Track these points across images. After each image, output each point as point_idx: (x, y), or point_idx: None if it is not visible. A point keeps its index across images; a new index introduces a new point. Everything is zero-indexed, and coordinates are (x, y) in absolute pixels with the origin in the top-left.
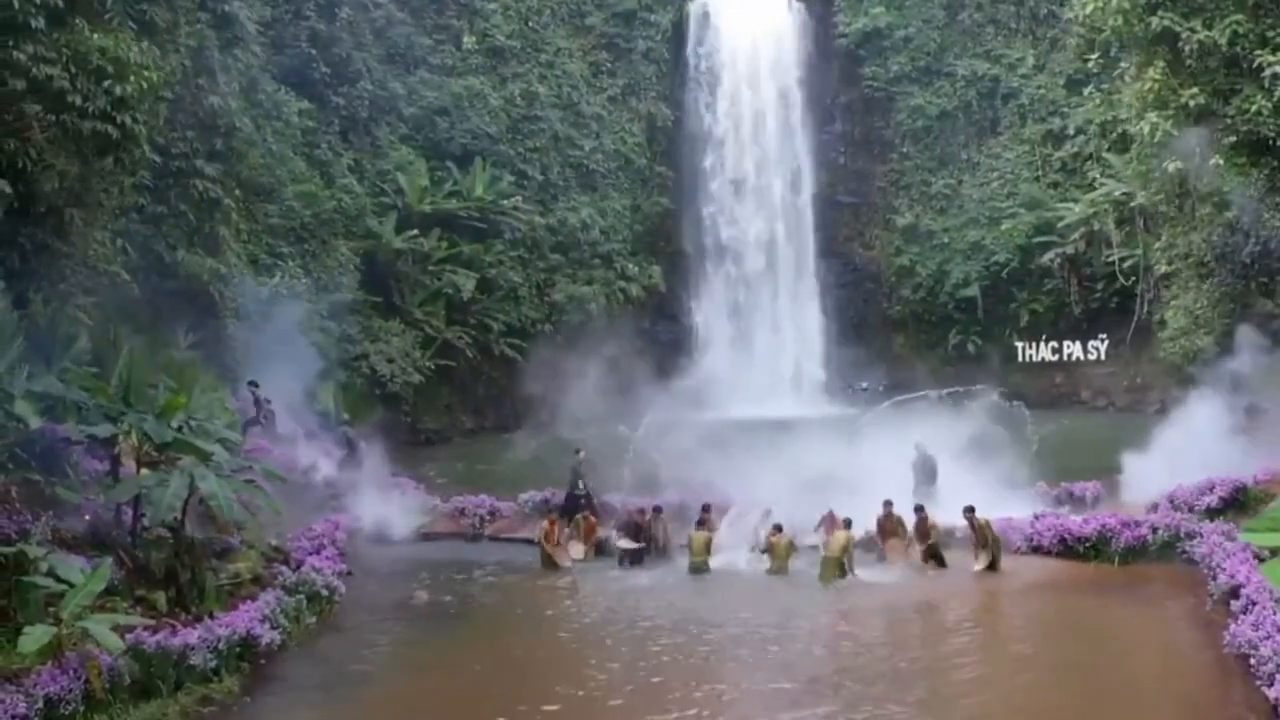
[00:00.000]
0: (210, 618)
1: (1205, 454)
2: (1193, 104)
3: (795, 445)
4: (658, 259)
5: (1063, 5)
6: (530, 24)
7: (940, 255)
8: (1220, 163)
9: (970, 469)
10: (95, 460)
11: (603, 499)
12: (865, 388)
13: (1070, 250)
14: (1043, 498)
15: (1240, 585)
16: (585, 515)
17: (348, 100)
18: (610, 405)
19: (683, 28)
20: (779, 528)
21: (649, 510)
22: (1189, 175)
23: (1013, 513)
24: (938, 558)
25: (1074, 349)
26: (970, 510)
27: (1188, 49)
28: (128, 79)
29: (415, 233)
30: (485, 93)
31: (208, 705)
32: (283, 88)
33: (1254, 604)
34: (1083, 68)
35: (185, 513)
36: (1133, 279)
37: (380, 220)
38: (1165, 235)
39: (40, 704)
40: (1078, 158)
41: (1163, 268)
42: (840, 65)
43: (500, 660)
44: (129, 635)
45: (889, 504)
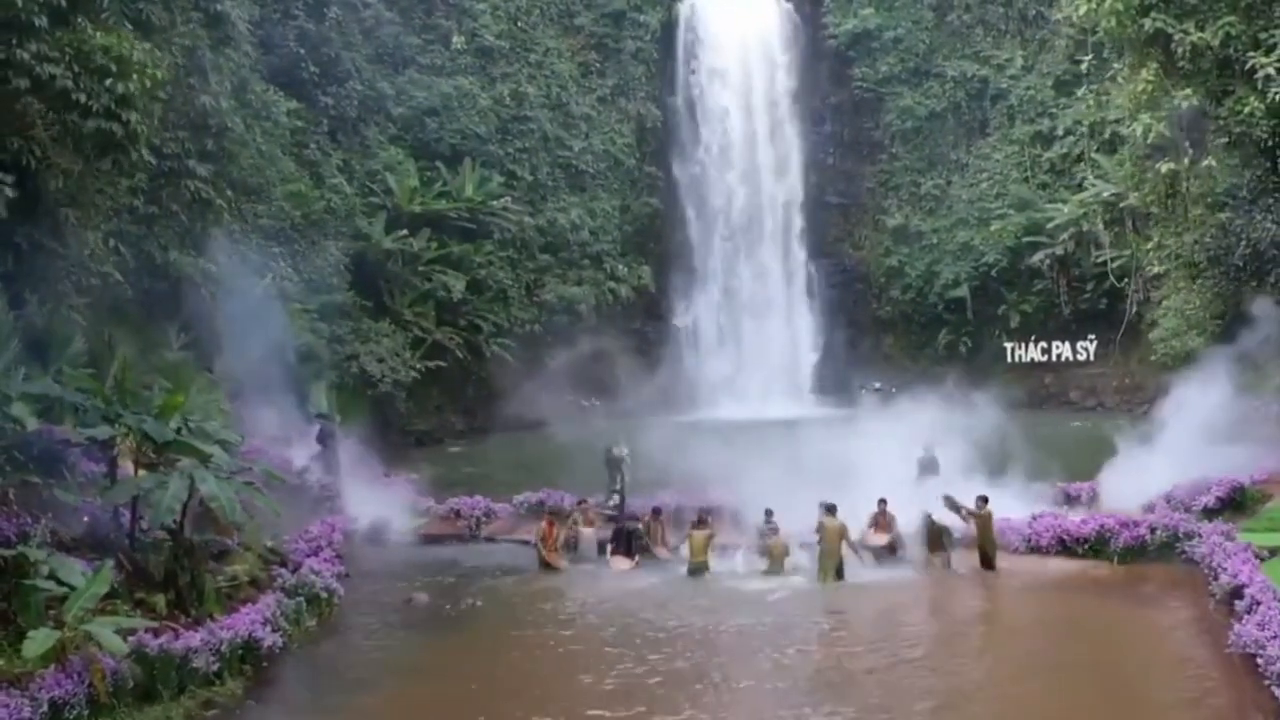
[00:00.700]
0: (210, 620)
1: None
2: (1185, 105)
3: (789, 445)
4: (647, 259)
5: (1051, 6)
6: (519, 24)
7: (930, 256)
8: (1213, 164)
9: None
10: (92, 462)
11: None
12: (878, 388)
13: (1059, 251)
14: (1040, 497)
15: (1243, 585)
16: (584, 517)
17: (336, 100)
18: (601, 406)
19: (672, 28)
20: (776, 529)
21: (647, 512)
22: (1181, 176)
23: (1010, 512)
24: (942, 559)
25: (1063, 349)
26: (984, 500)
27: (1181, 50)
28: (130, 77)
29: (405, 233)
30: (474, 93)
31: (211, 709)
32: (271, 87)
33: (1258, 604)
34: (1071, 69)
35: (184, 515)
36: (1123, 280)
37: (370, 221)
38: (1156, 236)
39: (45, 708)
40: (1067, 159)
41: (1155, 269)
42: (829, 66)
43: (501, 666)
44: (131, 638)
45: (883, 502)
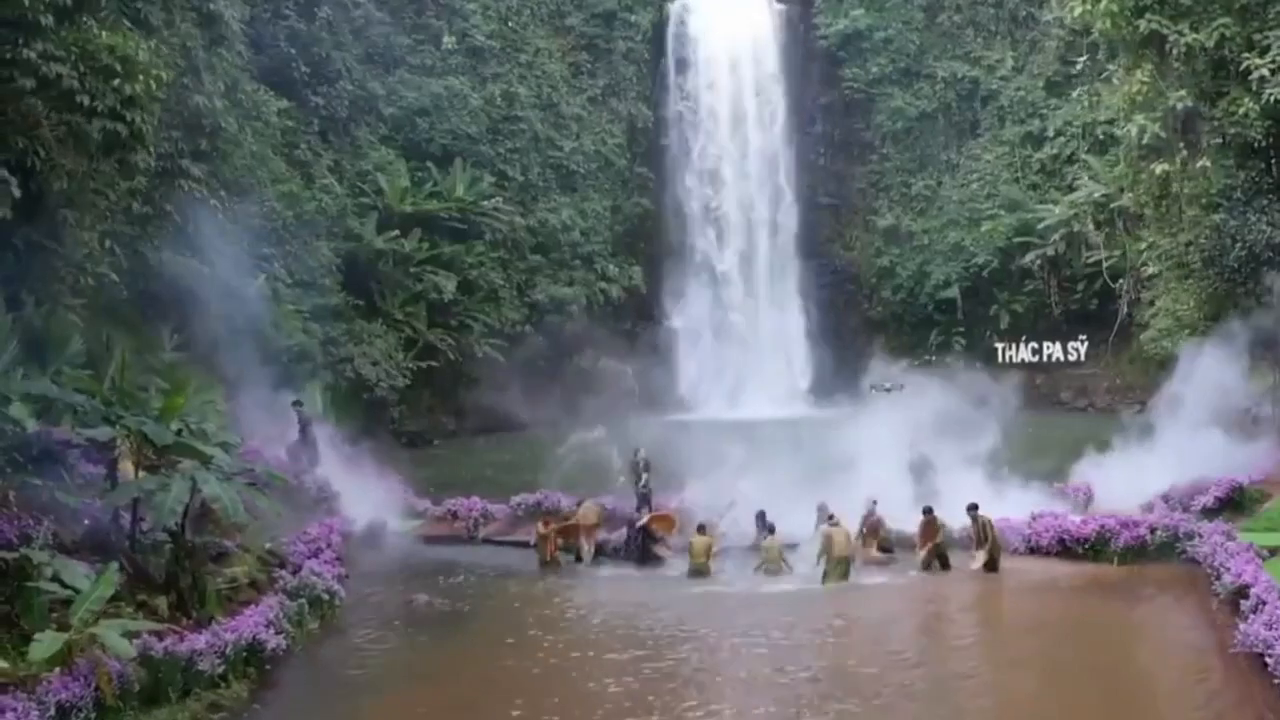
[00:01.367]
0: (211, 623)
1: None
2: (1180, 106)
3: (782, 446)
4: (638, 260)
5: (1041, 8)
6: (510, 24)
7: (920, 256)
8: (1207, 165)
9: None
10: (90, 463)
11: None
12: (889, 388)
13: (1050, 252)
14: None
15: (1248, 585)
16: (582, 517)
17: (327, 100)
18: (592, 407)
19: (663, 29)
20: (773, 529)
21: (649, 514)
22: (1175, 177)
23: (1008, 513)
24: (942, 559)
25: (1054, 350)
26: (974, 508)
27: (1175, 52)
28: (136, 77)
29: (396, 233)
30: (465, 93)
31: (217, 712)
32: (262, 87)
33: (1264, 603)
34: (1062, 70)
35: (186, 517)
36: (1118, 281)
37: (361, 221)
38: (1150, 237)
39: (52, 711)
40: (1057, 159)
41: (1150, 269)
42: (820, 67)
43: (505, 670)
44: (136, 641)
45: (873, 504)
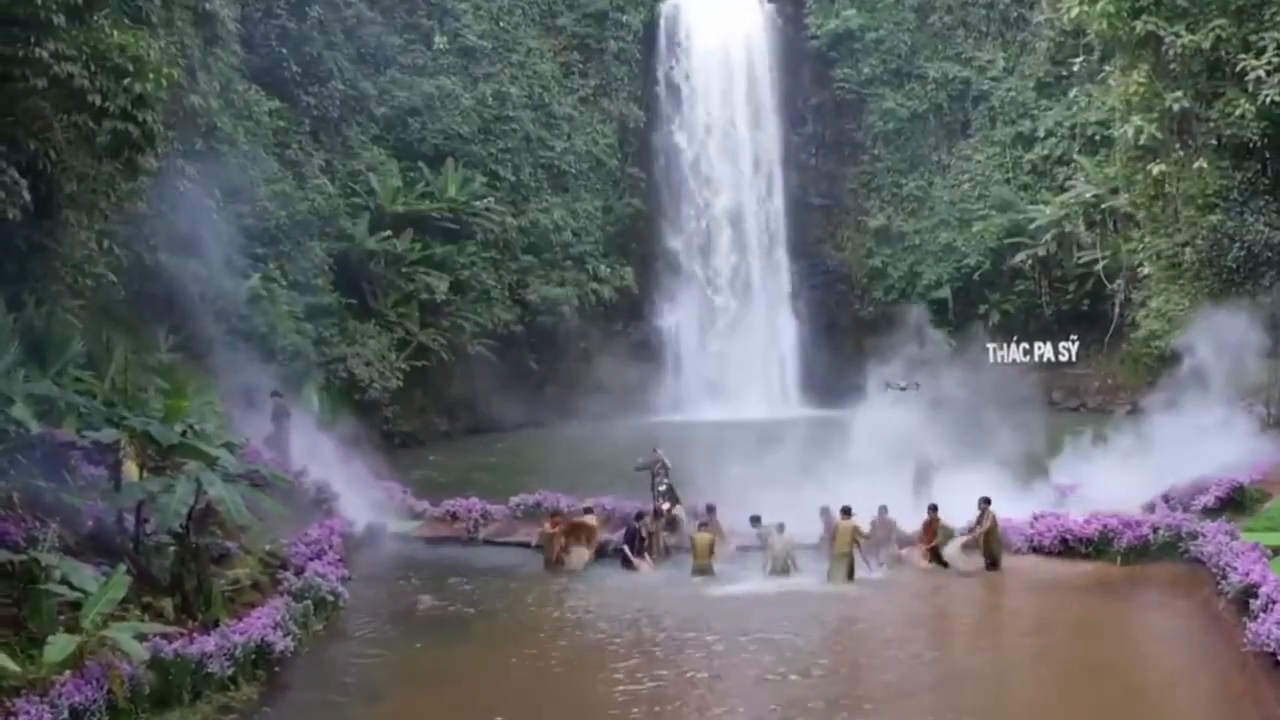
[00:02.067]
0: (216, 625)
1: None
2: (1176, 107)
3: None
4: (630, 260)
5: (1032, 9)
6: (501, 24)
7: (911, 257)
8: (1204, 166)
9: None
10: (91, 465)
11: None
12: (904, 387)
13: (1041, 252)
14: (1038, 496)
15: (1257, 584)
16: (585, 520)
17: (318, 100)
18: (584, 407)
19: (654, 29)
20: (781, 528)
21: (648, 514)
22: (1171, 178)
23: (1010, 512)
24: (941, 559)
25: (1045, 350)
26: (986, 502)
27: (1171, 53)
28: (147, 77)
29: (388, 234)
30: (457, 93)
31: (228, 714)
32: (253, 86)
33: (1275, 602)
34: (1053, 70)
35: (191, 518)
36: (1115, 281)
37: (353, 221)
38: (1147, 239)
39: (65, 714)
40: (1048, 160)
41: (1146, 270)
42: (811, 67)
43: (512, 673)
44: (146, 643)
45: (883, 509)
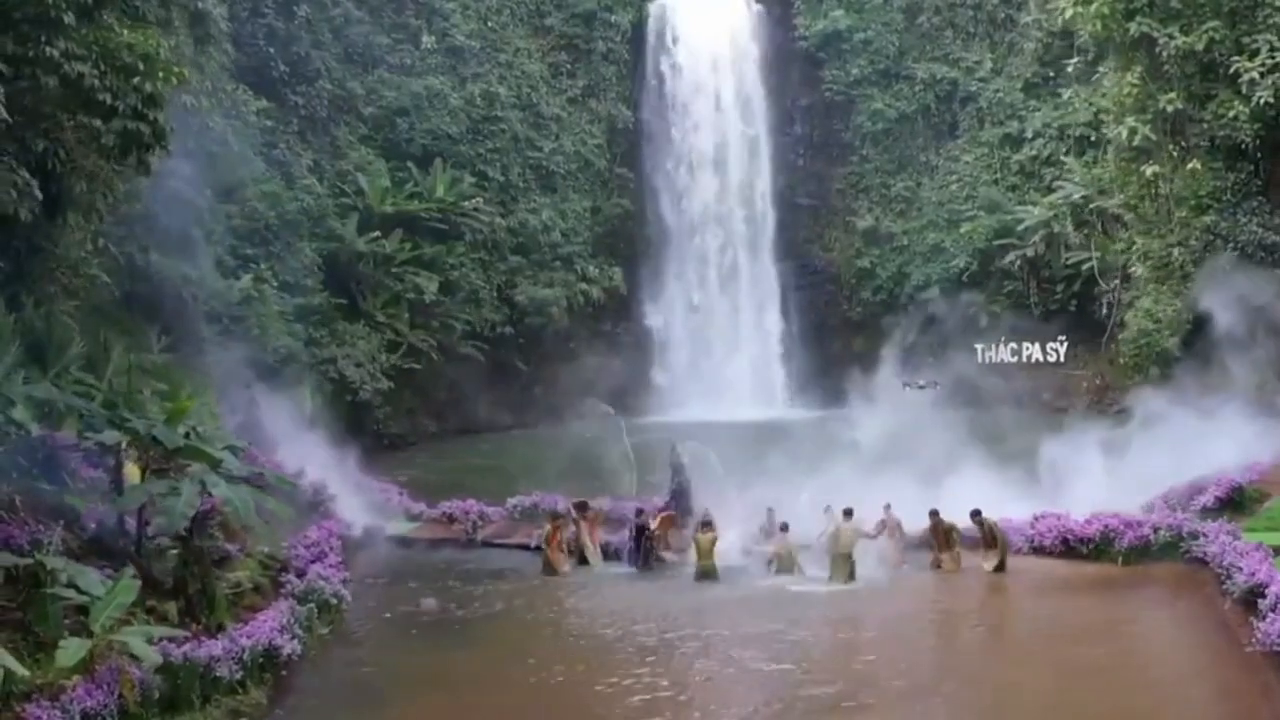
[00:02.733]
0: (220, 629)
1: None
2: (1170, 109)
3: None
4: (618, 261)
5: (1019, 10)
6: (489, 24)
7: (900, 258)
8: (1197, 167)
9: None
10: (90, 467)
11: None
12: (922, 385)
13: (1029, 253)
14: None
15: (1264, 584)
16: (586, 520)
17: (306, 99)
18: (572, 408)
19: (642, 29)
20: (785, 528)
21: (649, 514)
22: (1164, 179)
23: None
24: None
25: (1033, 350)
26: (977, 513)
27: (1165, 54)
28: (158, 75)
29: (377, 234)
30: (445, 93)
31: (238, 718)
32: (241, 86)
33: None
34: (1040, 71)
35: (194, 521)
36: (1112, 282)
37: (342, 222)
38: (1138, 239)
39: (77, 719)
40: (1036, 161)
41: (1139, 271)
42: (800, 68)
43: (517, 677)
44: (154, 647)
45: (888, 507)
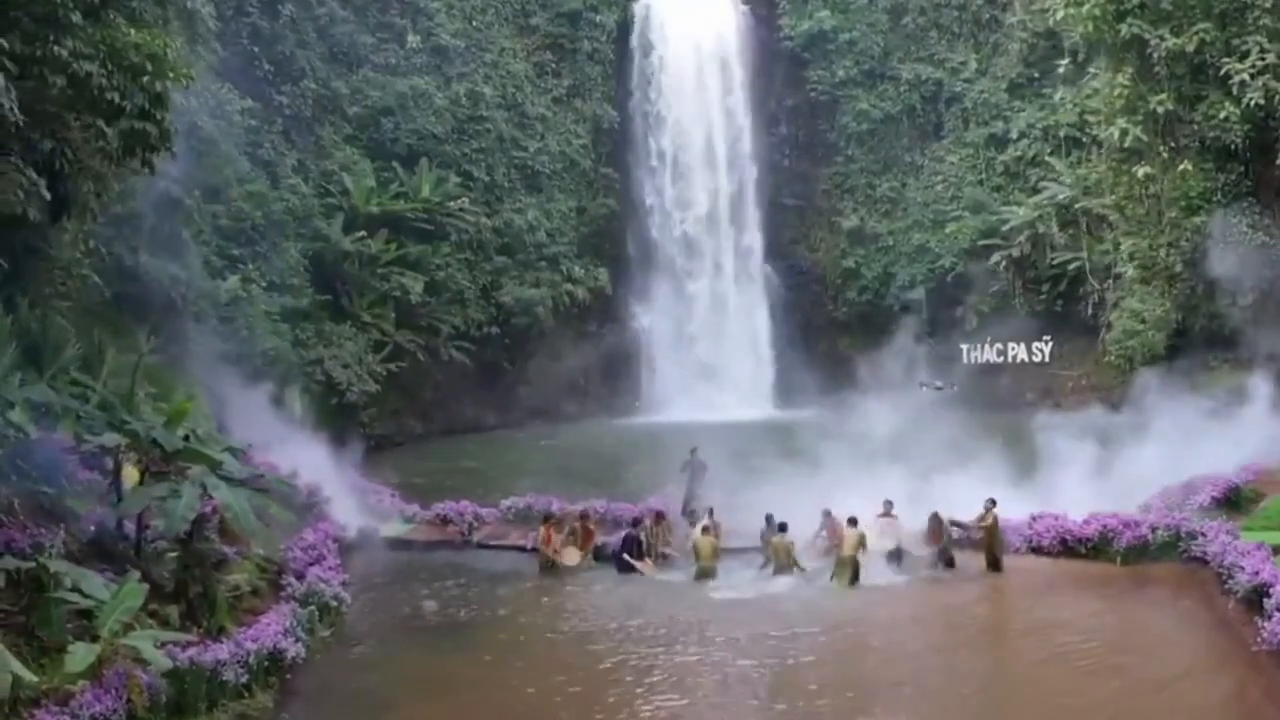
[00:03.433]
0: (221, 632)
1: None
2: (1161, 110)
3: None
4: (604, 261)
5: (1005, 11)
6: (474, 23)
7: (885, 258)
8: (1188, 168)
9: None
10: (87, 469)
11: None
12: (939, 386)
13: (1015, 253)
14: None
15: (1267, 583)
16: (584, 521)
17: (291, 99)
18: (559, 408)
19: (628, 29)
20: (784, 528)
21: (649, 515)
22: (1155, 180)
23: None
24: (948, 559)
25: (1019, 350)
26: (992, 503)
27: (1156, 56)
28: (165, 75)
29: (363, 234)
30: (430, 93)
31: None
32: (226, 85)
33: None
34: (1025, 72)
35: (195, 524)
36: (1104, 282)
37: (328, 222)
38: (1125, 239)
39: None
40: (1020, 161)
41: (1129, 271)
42: (785, 68)
43: (519, 680)
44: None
45: (889, 504)
